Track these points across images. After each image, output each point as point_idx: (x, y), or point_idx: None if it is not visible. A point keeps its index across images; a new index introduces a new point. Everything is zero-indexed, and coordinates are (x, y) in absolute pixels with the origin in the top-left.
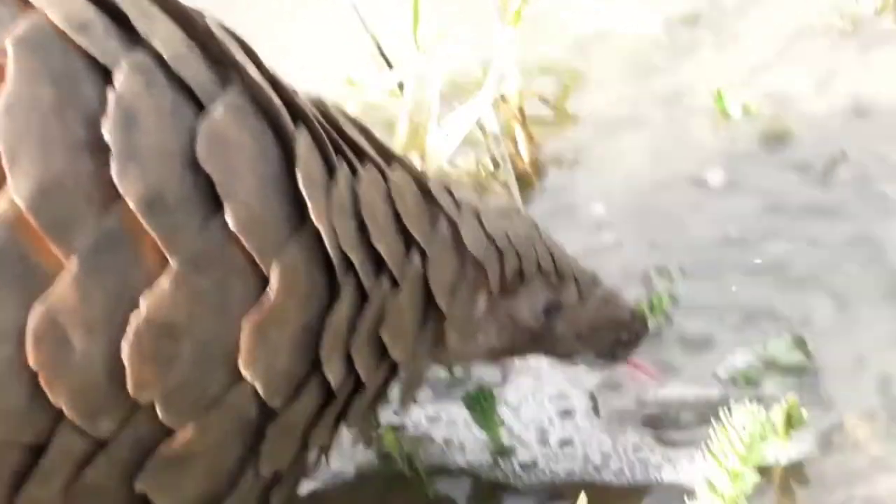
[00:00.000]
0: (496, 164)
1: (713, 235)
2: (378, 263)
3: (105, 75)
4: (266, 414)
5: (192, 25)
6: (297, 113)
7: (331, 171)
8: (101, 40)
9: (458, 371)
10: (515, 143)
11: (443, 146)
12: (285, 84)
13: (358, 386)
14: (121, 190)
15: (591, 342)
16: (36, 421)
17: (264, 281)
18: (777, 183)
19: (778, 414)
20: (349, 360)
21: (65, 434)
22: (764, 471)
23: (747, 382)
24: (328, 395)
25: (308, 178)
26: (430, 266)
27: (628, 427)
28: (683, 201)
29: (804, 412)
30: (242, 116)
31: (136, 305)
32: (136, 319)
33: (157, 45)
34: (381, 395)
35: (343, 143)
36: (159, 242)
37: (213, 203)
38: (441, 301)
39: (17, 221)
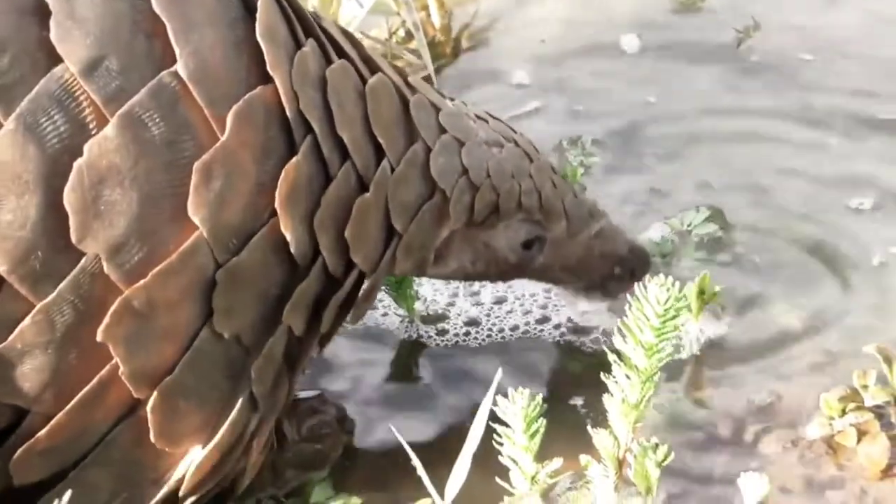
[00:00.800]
0: (408, 33)
1: (632, 101)
2: (344, 152)
3: None
4: None
5: None
6: None
7: (299, 45)
8: None
9: None
10: (427, 10)
11: (354, 14)
12: None
13: (331, 282)
14: (61, 53)
15: (579, 274)
16: None
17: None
18: (691, 50)
19: (692, 289)
20: (313, 236)
21: (4, 299)
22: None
23: (662, 256)
24: (292, 266)
25: (268, 32)
26: (394, 182)
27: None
28: (601, 69)
29: (717, 287)
30: None
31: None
32: (78, 165)
33: None
34: (353, 300)
35: (322, 35)
36: (100, 105)
37: (169, 63)
38: (396, 220)
39: None
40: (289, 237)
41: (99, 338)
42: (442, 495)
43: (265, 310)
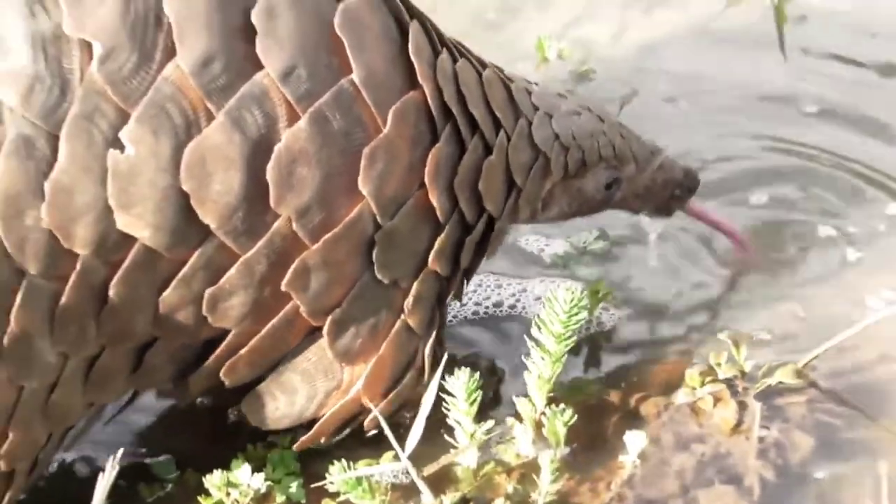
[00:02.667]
0: None
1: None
2: (473, 126)
3: None
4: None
5: None
6: (411, 11)
7: (436, 52)
8: None
9: None
10: None
11: None
12: None
13: (466, 229)
14: (263, 63)
15: (649, 200)
16: (188, 236)
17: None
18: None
19: (588, 291)
20: (453, 197)
21: (209, 248)
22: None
23: (564, 265)
24: (436, 225)
25: (417, 50)
26: (511, 148)
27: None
28: None
29: (609, 290)
30: (372, 7)
31: (278, 141)
32: (278, 148)
33: None
34: (485, 242)
35: (449, 42)
36: (292, 103)
37: (345, 74)
38: (517, 177)
39: (181, 83)
40: (435, 203)
41: (283, 288)
42: (403, 449)
43: (417, 261)
